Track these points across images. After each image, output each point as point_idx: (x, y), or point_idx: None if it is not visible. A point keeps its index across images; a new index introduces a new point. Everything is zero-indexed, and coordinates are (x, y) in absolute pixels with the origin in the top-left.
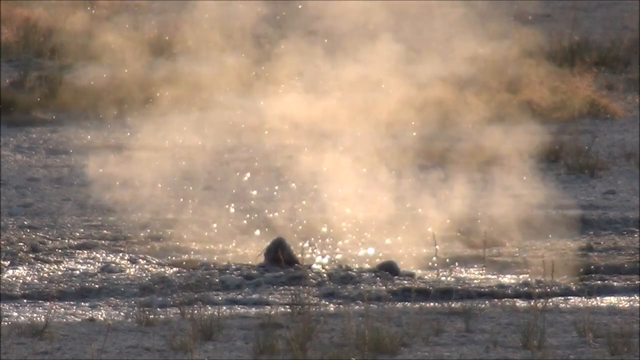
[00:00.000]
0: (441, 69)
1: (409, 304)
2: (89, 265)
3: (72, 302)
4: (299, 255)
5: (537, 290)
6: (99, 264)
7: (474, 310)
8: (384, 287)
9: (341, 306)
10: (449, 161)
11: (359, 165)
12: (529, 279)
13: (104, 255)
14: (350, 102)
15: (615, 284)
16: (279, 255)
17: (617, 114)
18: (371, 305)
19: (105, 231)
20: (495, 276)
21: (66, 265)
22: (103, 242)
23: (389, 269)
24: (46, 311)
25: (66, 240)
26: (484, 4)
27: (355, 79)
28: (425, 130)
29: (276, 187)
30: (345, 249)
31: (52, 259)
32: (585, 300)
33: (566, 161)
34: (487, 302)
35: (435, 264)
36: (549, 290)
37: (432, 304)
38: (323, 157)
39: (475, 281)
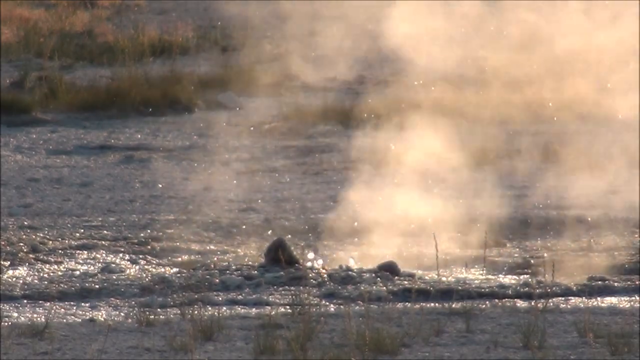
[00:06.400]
0: (441, 69)
1: (410, 304)
2: (89, 265)
3: (72, 303)
4: (301, 254)
5: (537, 290)
6: (99, 265)
7: (474, 310)
8: (384, 288)
9: (341, 306)
10: (449, 161)
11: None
12: (530, 279)
13: (104, 255)
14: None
15: (615, 284)
16: (279, 255)
17: (617, 114)
18: (371, 305)
19: (105, 231)
20: (496, 276)
21: (66, 266)
22: (103, 242)
23: (389, 270)
24: (46, 311)
25: (66, 241)
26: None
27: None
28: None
29: (276, 187)
30: (345, 249)
31: (52, 260)
32: (586, 300)
33: (565, 161)
34: (487, 302)
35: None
36: (549, 290)
37: (432, 304)
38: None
39: (476, 281)
